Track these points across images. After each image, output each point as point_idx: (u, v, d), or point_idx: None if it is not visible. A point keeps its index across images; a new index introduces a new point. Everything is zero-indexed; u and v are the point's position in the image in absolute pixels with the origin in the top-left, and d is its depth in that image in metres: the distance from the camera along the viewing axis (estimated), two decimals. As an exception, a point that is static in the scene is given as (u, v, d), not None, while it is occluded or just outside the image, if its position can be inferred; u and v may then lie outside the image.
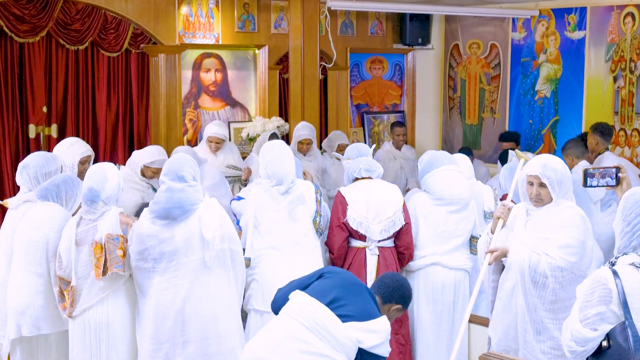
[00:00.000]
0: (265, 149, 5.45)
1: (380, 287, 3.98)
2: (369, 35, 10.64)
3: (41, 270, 4.73)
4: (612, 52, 8.84)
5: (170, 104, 8.83)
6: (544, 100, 9.63)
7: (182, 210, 4.56)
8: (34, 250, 4.72)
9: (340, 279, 3.88)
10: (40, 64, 8.75)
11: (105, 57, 9.20)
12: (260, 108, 9.52)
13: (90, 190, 4.60)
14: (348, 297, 3.76)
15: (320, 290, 3.80)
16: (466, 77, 10.49)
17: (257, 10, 9.48)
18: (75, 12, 8.87)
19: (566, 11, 9.29)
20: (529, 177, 4.40)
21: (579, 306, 3.32)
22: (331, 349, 3.61)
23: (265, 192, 5.30)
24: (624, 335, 3.17)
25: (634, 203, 3.34)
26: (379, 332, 3.70)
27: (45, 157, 5.25)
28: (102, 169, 4.70)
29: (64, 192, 4.87)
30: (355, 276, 4.05)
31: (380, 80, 10.76)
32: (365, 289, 3.89)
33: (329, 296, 3.75)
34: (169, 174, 4.64)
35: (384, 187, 5.61)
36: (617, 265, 3.29)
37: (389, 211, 5.43)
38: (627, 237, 3.33)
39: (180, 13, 8.89)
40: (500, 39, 10.06)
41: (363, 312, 3.72)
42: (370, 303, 3.80)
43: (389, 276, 4.11)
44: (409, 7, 9.55)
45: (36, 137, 8.78)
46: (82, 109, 9.15)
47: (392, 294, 3.96)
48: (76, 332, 4.59)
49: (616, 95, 8.83)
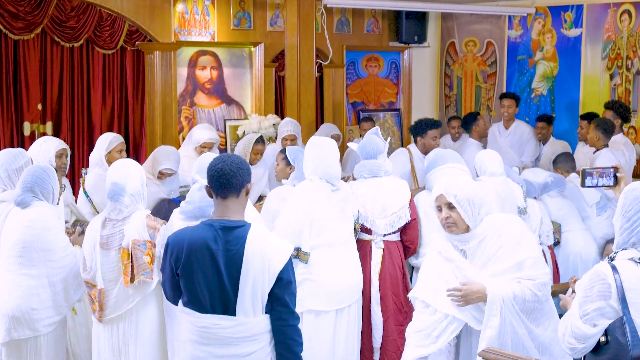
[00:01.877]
0: (315, 146, 5.20)
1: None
2: (365, 33, 10.63)
3: (36, 271, 4.54)
4: (608, 49, 8.84)
5: (166, 101, 8.80)
6: (540, 98, 9.62)
7: (212, 207, 4.44)
8: (28, 252, 4.54)
9: None
10: (35, 61, 8.73)
11: (100, 55, 9.18)
12: (256, 106, 9.49)
13: (115, 185, 4.37)
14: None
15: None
16: (462, 75, 10.48)
17: (252, 7, 9.46)
18: (70, 9, 8.85)
19: (562, 9, 9.29)
20: (435, 200, 4.00)
21: (578, 302, 3.30)
22: None
23: (319, 189, 5.10)
24: (622, 331, 3.16)
25: (633, 199, 3.31)
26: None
27: (12, 153, 5.09)
28: (124, 164, 4.51)
29: (39, 190, 4.64)
30: None
31: (376, 78, 10.74)
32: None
33: None
34: (202, 171, 4.39)
35: (392, 182, 5.59)
36: (616, 260, 3.27)
37: (395, 206, 5.43)
38: (626, 233, 3.31)
39: (175, 10, 8.86)
40: (497, 36, 10.05)
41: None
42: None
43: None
44: (405, 5, 9.54)
45: (31, 135, 8.77)
46: (77, 106, 9.14)
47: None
48: (102, 337, 4.43)
49: (613, 92, 8.83)
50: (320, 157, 5.12)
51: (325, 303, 4.93)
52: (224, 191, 3.47)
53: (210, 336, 3.45)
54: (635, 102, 8.63)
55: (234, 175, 3.46)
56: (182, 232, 3.59)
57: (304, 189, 5.11)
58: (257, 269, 3.41)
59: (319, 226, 5.02)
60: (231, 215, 3.49)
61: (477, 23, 10.23)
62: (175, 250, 3.51)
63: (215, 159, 3.53)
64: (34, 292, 4.53)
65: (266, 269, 3.42)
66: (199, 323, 3.48)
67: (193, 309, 3.50)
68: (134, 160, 4.64)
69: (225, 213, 3.49)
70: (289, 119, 8.12)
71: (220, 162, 3.49)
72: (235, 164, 3.48)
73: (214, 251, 3.43)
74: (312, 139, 5.35)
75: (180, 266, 3.48)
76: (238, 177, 3.47)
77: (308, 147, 5.23)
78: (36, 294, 4.54)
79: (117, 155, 6.20)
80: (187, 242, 3.47)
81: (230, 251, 3.41)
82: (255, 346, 3.47)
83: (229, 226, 3.46)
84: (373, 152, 5.56)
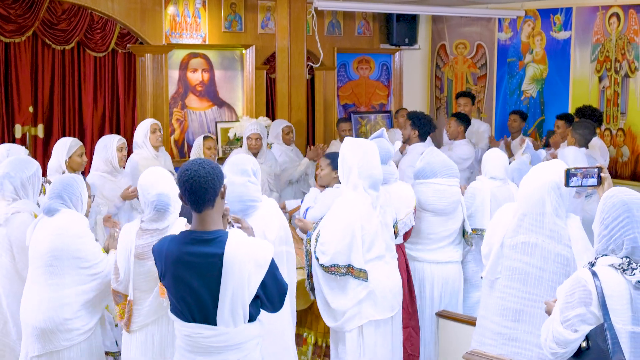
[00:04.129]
0: (354, 148, 4.88)
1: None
2: (356, 36, 10.67)
3: (68, 279, 4.39)
4: (597, 52, 8.89)
5: (157, 104, 8.82)
6: (530, 100, 9.67)
7: (242, 204, 4.40)
8: (59, 260, 4.36)
9: None
10: (26, 63, 8.74)
11: (91, 57, 9.19)
12: (248, 108, 9.52)
13: (162, 196, 4.22)
14: None
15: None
16: (453, 77, 10.52)
17: (244, 10, 9.48)
18: (61, 12, 8.86)
19: (552, 12, 9.33)
20: None
21: (559, 307, 3.33)
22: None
23: (365, 202, 4.84)
24: (602, 337, 3.18)
25: (611, 206, 3.34)
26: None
27: (22, 162, 4.99)
28: (162, 173, 4.34)
29: (67, 196, 4.50)
30: None
31: (367, 80, 10.78)
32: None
33: None
34: (232, 167, 4.41)
35: (400, 188, 5.51)
36: (596, 267, 3.30)
37: (402, 213, 5.40)
38: (604, 240, 3.34)
39: (167, 13, 8.88)
40: (487, 39, 10.10)
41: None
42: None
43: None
44: (396, 8, 9.57)
45: (22, 137, 8.77)
46: (68, 109, 9.15)
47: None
48: (135, 346, 4.30)
49: (601, 95, 8.88)
50: (364, 160, 4.83)
51: (384, 311, 4.87)
52: (198, 207, 3.41)
53: (193, 344, 3.45)
54: (623, 105, 8.68)
55: (204, 191, 3.39)
56: (163, 241, 3.56)
57: (352, 204, 4.82)
58: (236, 281, 3.37)
59: (369, 241, 4.84)
60: (208, 226, 3.45)
61: (468, 25, 10.28)
62: (157, 259, 3.51)
63: (183, 172, 3.42)
64: (66, 302, 4.39)
65: (249, 281, 3.40)
66: (183, 331, 3.48)
67: (177, 317, 3.50)
68: (162, 168, 4.52)
69: (202, 225, 3.44)
70: (254, 120, 8.30)
71: (189, 176, 3.39)
72: (204, 177, 3.38)
73: (191, 264, 3.39)
74: (350, 141, 4.95)
75: (162, 275, 3.48)
76: (209, 191, 3.40)
77: (348, 150, 4.89)
78: (68, 304, 4.39)
79: (78, 159, 6.12)
80: (165, 253, 3.45)
81: (208, 264, 3.37)
82: (238, 354, 3.46)
83: (205, 238, 3.42)
84: (384, 157, 5.34)
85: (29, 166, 4.94)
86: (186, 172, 3.40)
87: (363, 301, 4.82)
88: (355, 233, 4.76)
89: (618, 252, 3.31)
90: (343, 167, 4.90)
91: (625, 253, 3.29)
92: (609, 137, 8.80)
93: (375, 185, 4.86)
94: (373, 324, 4.87)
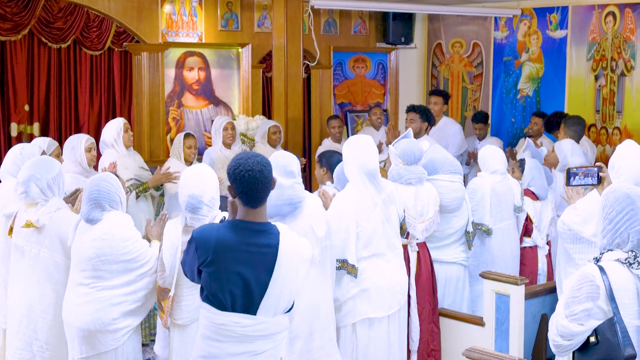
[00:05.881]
0: (347, 144, 5.02)
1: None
2: (352, 34, 10.66)
3: (116, 281, 4.35)
4: (593, 51, 8.91)
5: (153, 102, 8.81)
6: (526, 98, 9.69)
7: (292, 207, 4.42)
8: (107, 264, 4.33)
9: None
10: (22, 62, 8.73)
11: (87, 56, 9.18)
12: (244, 107, 9.52)
13: (192, 197, 4.23)
14: None
15: None
16: (449, 75, 10.53)
17: (240, 8, 9.48)
18: (57, 10, 8.85)
19: (548, 10, 9.35)
20: None
21: (564, 302, 3.34)
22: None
23: (363, 194, 4.88)
24: (612, 331, 3.19)
25: (614, 201, 3.35)
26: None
27: (45, 163, 4.85)
28: (200, 172, 4.35)
29: (107, 203, 4.41)
30: None
31: (363, 79, 10.77)
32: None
33: None
34: (278, 168, 4.28)
35: (427, 187, 5.52)
36: (602, 262, 3.31)
37: (431, 212, 5.42)
38: (609, 235, 3.35)
39: (163, 11, 8.87)
40: (483, 38, 10.11)
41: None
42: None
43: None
44: (392, 6, 9.58)
45: (18, 136, 8.75)
46: (64, 107, 9.13)
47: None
48: (178, 341, 4.32)
49: (597, 94, 8.89)
50: (356, 153, 4.92)
51: (379, 309, 4.88)
52: (256, 203, 3.40)
53: (226, 333, 3.42)
54: (620, 104, 8.70)
55: (265, 188, 3.40)
56: (208, 228, 3.50)
57: (347, 198, 4.89)
58: (287, 272, 3.39)
59: (366, 237, 4.87)
60: (260, 218, 3.44)
61: (464, 24, 10.29)
62: (201, 246, 3.43)
63: (242, 171, 3.37)
64: (114, 302, 4.35)
65: (294, 273, 3.43)
66: (217, 320, 3.43)
67: (212, 305, 3.45)
68: (206, 165, 4.51)
69: (254, 217, 3.42)
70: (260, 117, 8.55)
71: (250, 176, 3.36)
72: (265, 177, 3.38)
73: (244, 253, 3.38)
74: (348, 139, 5.14)
75: (205, 263, 3.41)
76: (267, 188, 3.41)
77: (344, 147, 5.04)
78: (117, 304, 4.35)
79: (88, 155, 6.11)
80: (215, 241, 3.40)
81: (262, 254, 3.37)
82: (269, 345, 3.46)
83: (259, 229, 3.41)
84: (416, 157, 5.44)
85: (53, 167, 4.82)
86: (249, 173, 3.37)
87: (357, 297, 4.84)
88: (350, 229, 4.80)
89: (623, 246, 3.32)
90: (345, 164, 5.00)
91: (631, 246, 3.30)
92: (605, 136, 8.82)
93: (370, 175, 4.89)
94: (367, 322, 4.88)
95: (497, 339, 5.21)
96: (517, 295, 5.11)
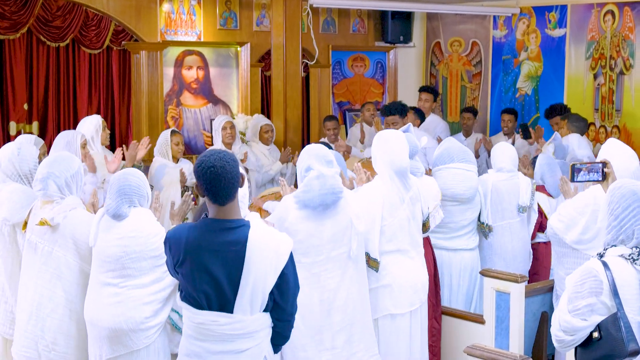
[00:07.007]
0: (377, 138, 5.01)
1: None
2: (351, 33, 10.66)
3: (147, 279, 4.29)
4: (592, 49, 8.91)
5: (152, 101, 8.80)
6: (525, 97, 9.69)
7: (335, 196, 4.43)
8: (136, 262, 4.28)
9: None
10: (21, 60, 8.72)
11: (86, 54, 9.17)
12: (243, 105, 9.51)
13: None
14: None
15: None
16: (448, 74, 10.53)
17: (239, 7, 9.47)
18: (56, 9, 8.84)
19: (547, 9, 9.35)
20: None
21: (567, 297, 3.34)
22: None
23: (391, 189, 4.88)
24: (616, 326, 3.19)
25: (620, 197, 3.35)
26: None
27: (64, 160, 4.73)
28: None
29: (136, 198, 4.37)
30: None
31: (362, 78, 10.78)
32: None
33: None
34: (319, 158, 4.40)
35: (426, 182, 5.51)
36: (606, 257, 3.31)
37: (431, 207, 5.39)
38: (614, 231, 3.35)
39: (161, 10, 8.86)
40: (482, 36, 10.11)
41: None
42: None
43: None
44: (391, 5, 9.58)
45: (17, 135, 8.73)
46: (63, 106, 9.12)
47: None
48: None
49: (596, 92, 8.90)
50: (390, 149, 4.90)
51: (401, 305, 4.88)
52: (222, 201, 3.35)
53: (206, 332, 3.43)
54: (618, 102, 8.70)
55: (231, 186, 3.33)
56: (180, 228, 3.50)
57: (376, 191, 4.87)
58: (259, 269, 3.35)
59: (391, 232, 4.87)
60: (230, 215, 3.40)
61: (462, 23, 10.29)
62: (173, 246, 3.45)
63: (205, 168, 3.31)
64: (146, 301, 4.29)
65: (270, 268, 3.38)
66: (195, 319, 3.45)
67: (190, 305, 3.46)
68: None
69: (224, 214, 3.39)
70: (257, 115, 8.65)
71: (212, 169, 3.30)
72: (229, 173, 3.31)
73: (213, 252, 3.35)
74: (378, 133, 5.09)
75: (179, 263, 3.43)
76: (234, 185, 3.35)
77: (374, 142, 5.03)
78: (148, 302, 4.30)
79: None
80: (185, 241, 3.40)
81: (231, 252, 3.34)
82: (251, 343, 3.45)
83: (228, 227, 3.38)
84: (412, 152, 5.34)
85: (72, 164, 4.73)
86: (211, 169, 3.30)
87: (379, 292, 4.85)
88: (376, 222, 4.79)
89: (628, 242, 3.32)
90: (373, 159, 5.01)
91: (636, 243, 3.30)
92: (604, 134, 8.82)
93: (400, 173, 4.88)
94: (389, 317, 4.89)
95: (497, 337, 5.21)
96: (517, 293, 5.11)
